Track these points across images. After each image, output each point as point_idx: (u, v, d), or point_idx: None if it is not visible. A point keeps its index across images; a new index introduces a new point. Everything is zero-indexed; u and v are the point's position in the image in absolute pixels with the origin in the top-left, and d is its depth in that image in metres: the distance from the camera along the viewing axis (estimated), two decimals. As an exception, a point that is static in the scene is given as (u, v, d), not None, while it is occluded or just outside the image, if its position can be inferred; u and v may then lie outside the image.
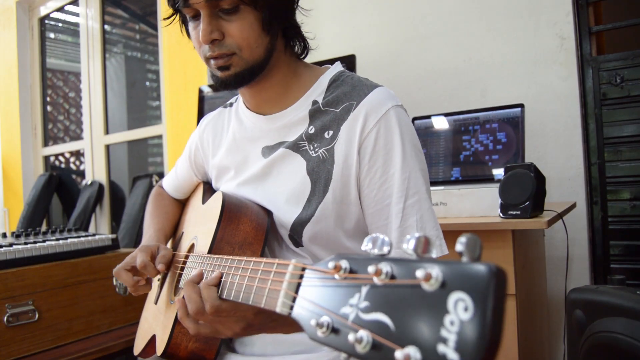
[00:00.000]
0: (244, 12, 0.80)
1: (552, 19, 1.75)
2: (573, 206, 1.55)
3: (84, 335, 1.47)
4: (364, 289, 0.40)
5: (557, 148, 1.75)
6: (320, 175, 0.85)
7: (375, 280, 0.39)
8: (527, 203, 1.26)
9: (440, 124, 1.70)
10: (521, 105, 1.57)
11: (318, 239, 0.86)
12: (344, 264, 0.43)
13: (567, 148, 1.73)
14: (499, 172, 1.54)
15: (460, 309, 0.32)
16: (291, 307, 0.49)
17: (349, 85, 0.87)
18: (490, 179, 1.56)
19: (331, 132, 0.85)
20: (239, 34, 0.80)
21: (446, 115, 1.70)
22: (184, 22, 0.91)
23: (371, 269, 0.39)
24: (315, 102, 0.88)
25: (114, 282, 0.99)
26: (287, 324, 0.71)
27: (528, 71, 1.80)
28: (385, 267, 0.38)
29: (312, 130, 0.86)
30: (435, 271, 0.34)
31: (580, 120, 1.71)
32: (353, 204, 0.84)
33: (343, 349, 0.39)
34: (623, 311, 1.09)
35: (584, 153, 1.71)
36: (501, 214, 1.29)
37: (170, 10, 0.90)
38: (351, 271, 0.42)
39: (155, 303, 1.03)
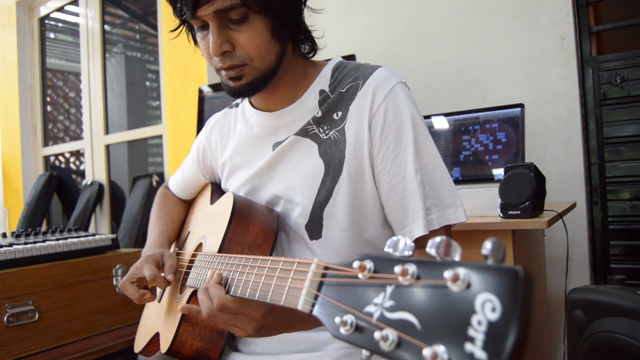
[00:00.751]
0: (253, 21, 0.79)
1: (552, 19, 1.75)
2: (573, 206, 1.55)
3: (84, 335, 1.47)
4: (389, 289, 0.40)
5: (557, 148, 1.75)
6: (333, 156, 0.85)
7: (401, 280, 0.39)
8: (527, 203, 1.26)
9: (440, 124, 1.70)
10: (521, 105, 1.57)
11: (337, 224, 0.85)
12: (369, 264, 0.44)
13: (567, 148, 1.73)
14: (499, 172, 1.54)
15: (487, 310, 0.32)
16: (313, 305, 0.49)
17: (352, 68, 0.89)
18: (490, 179, 1.56)
19: (340, 113, 0.86)
20: (250, 43, 0.80)
21: (446, 115, 1.70)
22: (191, 31, 0.90)
23: (398, 269, 0.40)
24: (322, 92, 0.89)
25: (114, 282, 0.99)
26: (303, 320, 0.72)
27: (528, 71, 1.80)
28: (411, 267, 0.39)
29: (319, 114, 0.87)
30: (463, 272, 0.35)
31: (580, 120, 1.71)
32: (368, 181, 0.85)
33: (367, 347, 0.40)
34: (623, 311, 1.09)
35: (584, 153, 1.71)
36: (501, 214, 1.29)
37: (175, 20, 0.88)
38: (375, 271, 0.43)
39: (159, 301, 1.03)
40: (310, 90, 0.90)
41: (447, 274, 0.35)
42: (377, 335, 0.38)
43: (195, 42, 0.90)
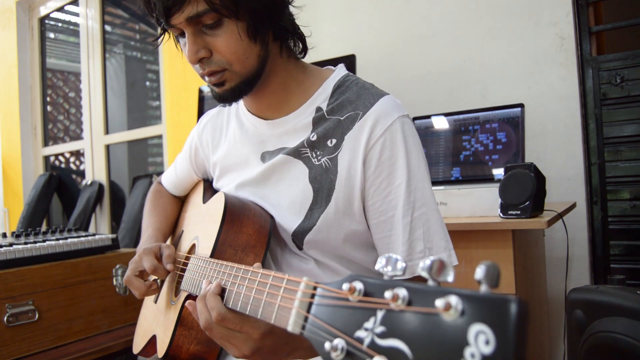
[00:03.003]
0: (228, 25, 0.76)
1: (552, 19, 1.75)
2: (573, 206, 1.55)
3: (84, 335, 1.47)
4: (380, 314, 0.39)
5: (557, 148, 1.75)
6: (323, 185, 0.83)
7: (392, 305, 0.38)
8: (527, 203, 1.26)
9: (440, 124, 1.70)
10: (521, 105, 1.57)
11: (319, 247, 0.85)
12: (358, 285, 0.42)
13: (567, 148, 1.73)
14: (499, 172, 1.54)
15: (481, 342, 0.31)
16: (303, 327, 0.48)
17: (354, 92, 0.85)
18: (490, 179, 1.56)
19: (334, 141, 0.83)
20: (226, 48, 0.77)
21: (446, 115, 1.70)
22: (177, 39, 0.90)
23: (388, 294, 0.38)
24: (319, 109, 0.86)
25: (114, 282, 0.99)
26: (301, 347, 0.70)
27: (528, 71, 1.80)
28: (402, 292, 0.38)
29: (314, 137, 0.85)
30: (455, 301, 0.34)
31: (580, 120, 1.71)
32: (357, 214, 0.83)
33: None
34: (623, 311, 1.09)
35: (584, 153, 1.71)
36: (501, 214, 1.29)
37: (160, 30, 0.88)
38: (366, 294, 0.42)
39: (155, 302, 1.03)
40: (308, 105, 0.87)
41: (439, 302, 0.34)
42: None
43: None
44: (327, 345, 0.42)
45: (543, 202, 1.33)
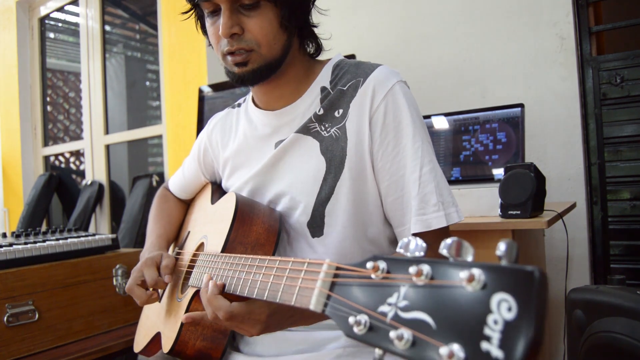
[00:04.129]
0: (264, 8, 0.81)
1: (552, 19, 1.75)
2: (573, 206, 1.55)
3: (84, 335, 1.47)
4: (403, 289, 0.41)
5: (557, 148, 1.75)
6: (334, 154, 0.86)
7: (415, 280, 0.40)
8: (527, 203, 1.26)
9: (440, 124, 1.70)
10: (521, 105, 1.57)
11: (339, 222, 0.86)
12: (382, 264, 0.44)
13: (567, 148, 1.73)
14: (499, 172, 1.54)
15: (503, 309, 0.33)
16: (325, 305, 0.49)
17: (352, 65, 0.90)
18: (490, 179, 1.56)
19: (341, 111, 0.87)
20: (259, 30, 0.82)
21: (446, 115, 1.70)
22: (200, 19, 0.93)
23: (412, 269, 0.40)
24: (324, 89, 0.90)
25: (114, 282, 0.99)
26: (306, 316, 0.73)
27: (528, 71, 1.80)
28: (425, 268, 0.40)
29: (320, 111, 0.88)
30: (478, 273, 0.35)
31: (580, 120, 1.71)
32: (369, 179, 0.85)
33: (381, 346, 0.40)
34: (623, 311, 1.09)
35: (584, 153, 1.71)
36: (501, 214, 1.29)
37: (178, 14, 0.91)
38: (388, 272, 0.43)
39: (159, 301, 1.03)
40: (312, 88, 0.90)
41: (463, 274, 0.36)
42: (392, 334, 0.38)
43: (203, 30, 0.92)
44: (350, 319, 0.43)
45: (543, 202, 1.33)
